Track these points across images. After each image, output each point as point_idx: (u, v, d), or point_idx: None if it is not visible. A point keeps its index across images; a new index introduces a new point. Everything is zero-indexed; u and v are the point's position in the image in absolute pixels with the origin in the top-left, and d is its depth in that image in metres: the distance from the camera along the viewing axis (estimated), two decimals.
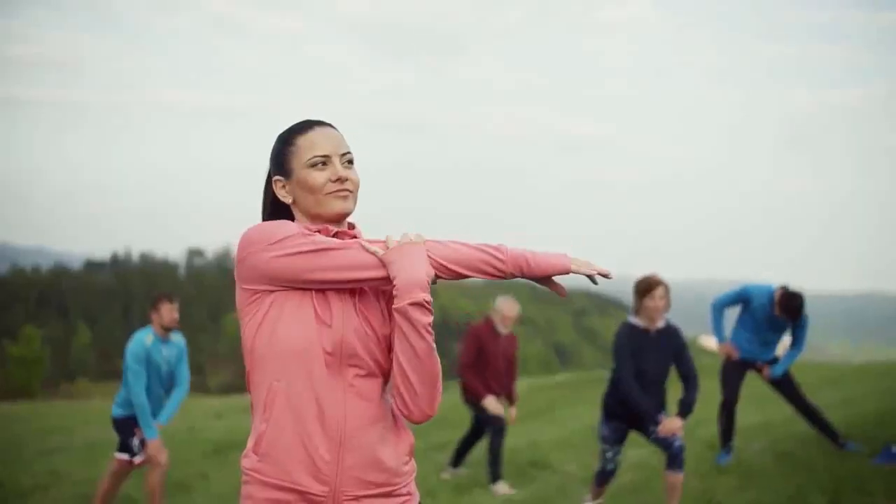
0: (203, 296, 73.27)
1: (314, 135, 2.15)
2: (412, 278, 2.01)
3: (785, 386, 6.94)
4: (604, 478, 5.65)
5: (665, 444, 5.24)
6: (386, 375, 2.13)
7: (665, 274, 5.55)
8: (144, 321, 6.39)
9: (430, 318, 2.04)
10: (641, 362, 5.31)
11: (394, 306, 2.02)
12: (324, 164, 2.12)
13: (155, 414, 6.08)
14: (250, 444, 2.09)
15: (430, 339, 2.04)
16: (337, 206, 2.13)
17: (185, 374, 6.26)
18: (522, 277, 2.15)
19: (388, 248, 2.06)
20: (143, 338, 6.01)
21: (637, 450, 7.41)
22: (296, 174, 2.14)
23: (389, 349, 2.12)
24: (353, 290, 2.10)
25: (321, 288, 2.05)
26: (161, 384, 6.13)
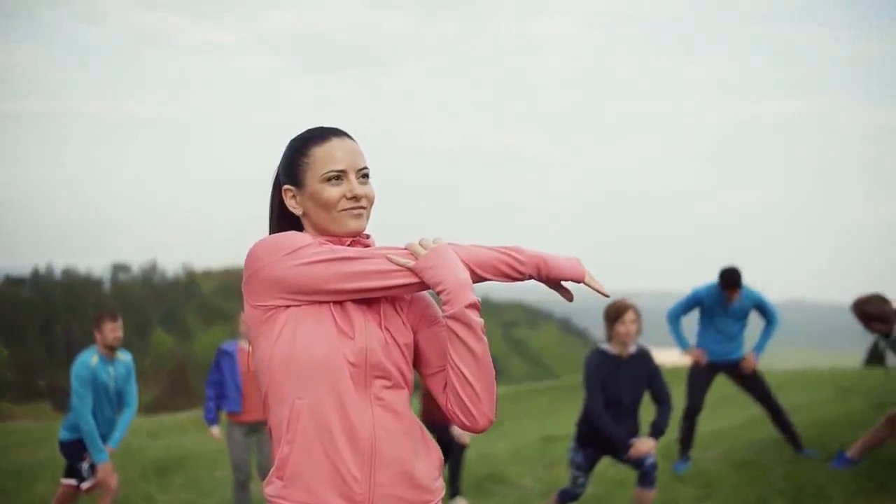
0: (129, 312, 71.27)
1: (331, 147, 2.04)
2: (460, 280, 1.93)
3: (755, 384, 6.99)
4: (569, 498, 5.58)
5: (637, 462, 5.20)
6: (410, 387, 2.04)
7: (607, 285, 5.50)
8: (67, 338, 6.18)
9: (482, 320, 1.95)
10: (616, 390, 5.20)
11: (448, 312, 1.92)
12: (339, 178, 2.02)
13: (105, 436, 5.85)
14: (273, 469, 1.97)
15: (486, 340, 1.96)
16: (351, 224, 2.03)
17: (133, 393, 6.04)
18: (537, 280, 2.08)
19: (412, 254, 1.97)
20: (88, 359, 5.78)
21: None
22: (309, 187, 2.04)
23: (410, 360, 2.03)
24: (372, 301, 2.00)
25: (346, 298, 1.95)
26: (110, 405, 5.89)
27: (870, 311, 5.59)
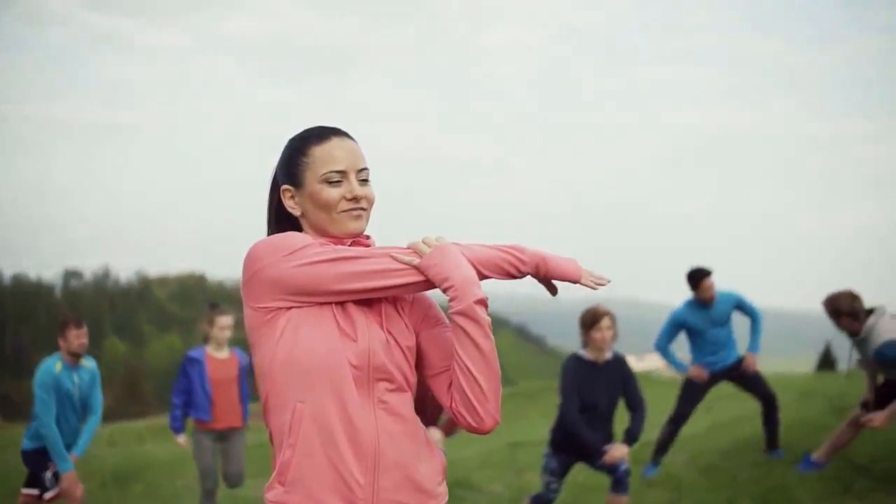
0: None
1: (331, 147, 2.01)
2: (467, 277, 1.90)
3: (757, 382, 7.01)
4: (542, 502, 5.58)
5: (611, 468, 5.21)
6: (413, 390, 2.00)
7: (563, 294, 5.52)
8: (17, 345, 6.05)
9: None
10: (591, 396, 5.21)
11: (455, 308, 1.89)
12: (339, 179, 1.98)
13: (69, 445, 5.72)
14: (274, 474, 1.92)
15: (493, 339, 1.93)
16: (350, 225, 2.00)
17: (98, 401, 5.92)
18: (535, 278, 2.08)
19: (416, 253, 1.94)
20: (52, 366, 5.65)
21: None
22: (308, 187, 2.00)
23: (412, 362, 2.00)
24: (373, 302, 1.97)
25: (350, 298, 1.92)
26: (74, 413, 5.77)
27: (840, 306, 5.64)
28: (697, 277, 6.81)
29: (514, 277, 2.05)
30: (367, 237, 2.07)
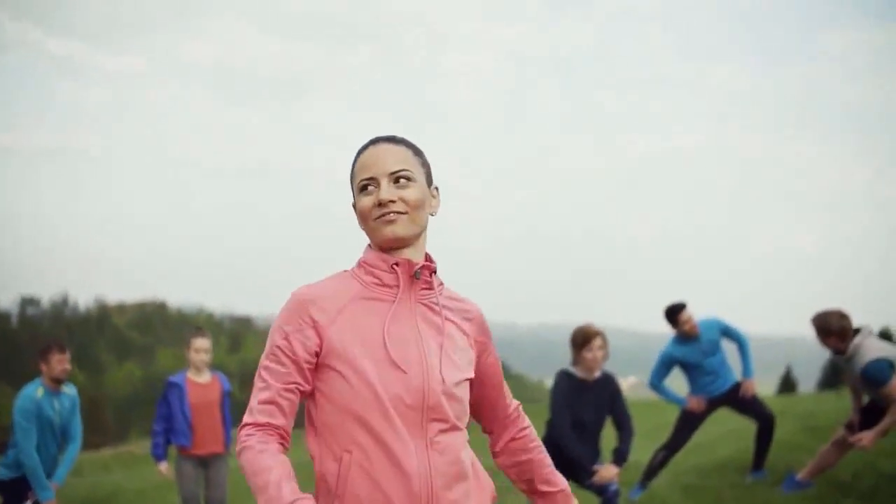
0: (37, 347, 68.98)
1: (366, 155, 1.94)
2: None
3: (754, 405, 6.98)
4: None
5: (600, 489, 5.21)
6: (467, 425, 1.94)
7: (520, 320, 5.51)
8: None
9: None
10: (580, 413, 5.23)
11: None
12: (369, 186, 1.90)
13: (49, 473, 5.61)
14: None
15: None
16: (384, 231, 1.89)
17: (78, 427, 5.82)
18: None
19: None
20: (33, 392, 5.54)
21: None
22: (355, 199, 1.96)
23: (468, 397, 1.96)
24: (436, 330, 1.91)
25: None
26: (54, 440, 5.66)
27: (829, 325, 5.67)
28: (674, 313, 6.81)
29: None
30: (431, 267, 1.96)
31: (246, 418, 1.85)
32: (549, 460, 2.16)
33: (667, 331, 7.00)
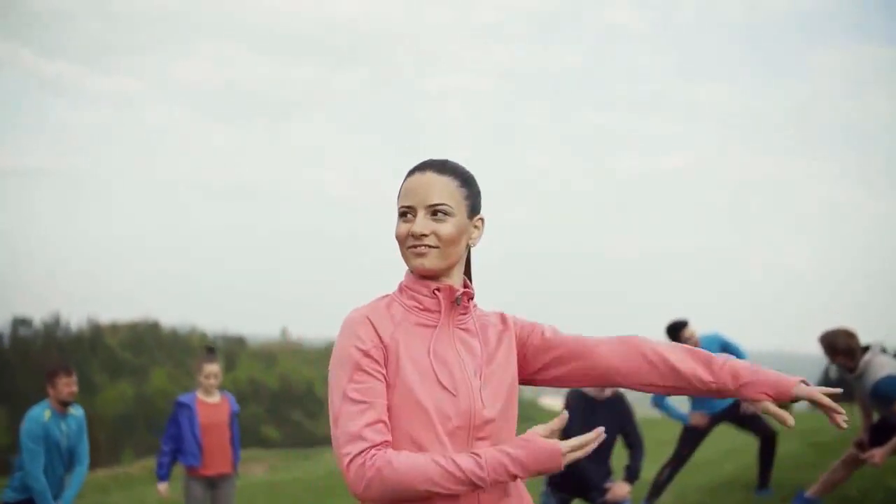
0: (29, 368, 68.61)
1: (409, 182, 1.94)
2: None
3: (755, 421, 7.03)
4: None
5: None
6: (510, 436, 1.93)
7: None
8: None
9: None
10: (591, 431, 5.23)
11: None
12: (408, 214, 1.92)
13: (56, 495, 5.58)
14: None
15: None
16: (414, 262, 1.91)
17: (85, 449, 5.80)
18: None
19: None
20: (40, 414, 5.53)
21: None
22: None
23: (516, 400, 1.96)
24: (474, 353, 1.92)
25: None
26: (61, 462, 5.64)
27: (837, 344, 5.69)
28: (677, 330, 6.84)
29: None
30: (468, 293, 1.97)
31: (357, 445, 1.77)
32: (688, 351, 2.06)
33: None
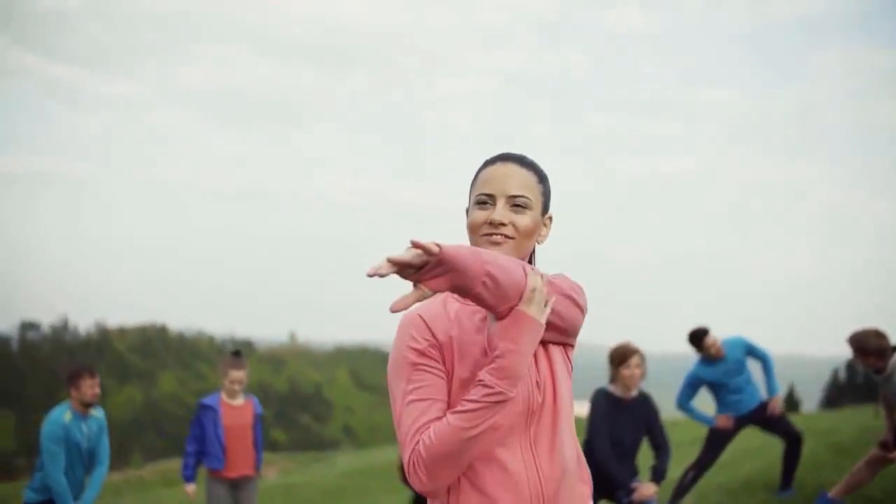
0: (38, 371, 68.99)
1: (491, 170, 1.95)
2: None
3: (780, 423, 7.02)
4: None
5: None
6: (567, 419, 1.92)
7: None
8: None
9: None
10: (618, 431, 5.24)
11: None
12: (486, 203, 1.91)
13: (76, 496, 5.60)
14: None
15: None
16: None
17: (105, 450, 5.81)
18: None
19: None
20: (60, 416, 5.54)
21: None
22: (469, 208, 1.97)
23: (571, 392, 1.95)
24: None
25: None
26: (81, 464, 5.65)
27: (867, 345, 5.67)
28: (699, 337, 6.84)
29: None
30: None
31: (412, 446, 1.77)
32: None
33: (663, 350, 7.03)
